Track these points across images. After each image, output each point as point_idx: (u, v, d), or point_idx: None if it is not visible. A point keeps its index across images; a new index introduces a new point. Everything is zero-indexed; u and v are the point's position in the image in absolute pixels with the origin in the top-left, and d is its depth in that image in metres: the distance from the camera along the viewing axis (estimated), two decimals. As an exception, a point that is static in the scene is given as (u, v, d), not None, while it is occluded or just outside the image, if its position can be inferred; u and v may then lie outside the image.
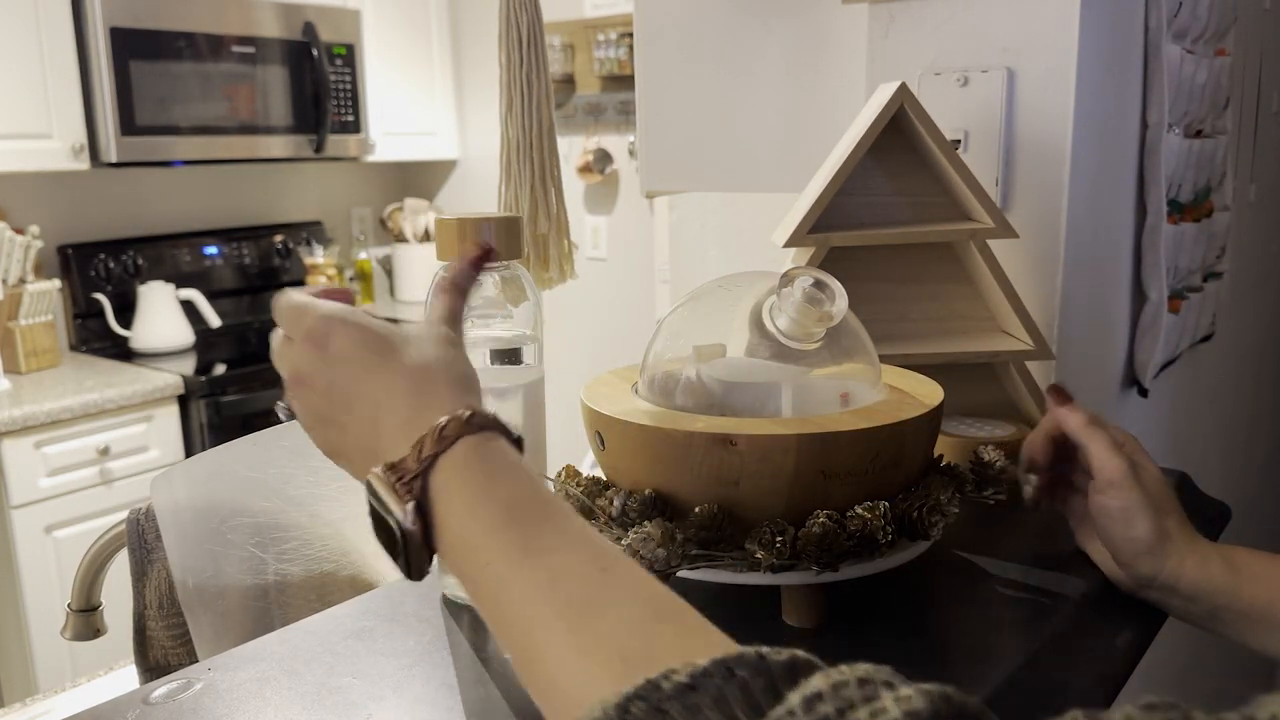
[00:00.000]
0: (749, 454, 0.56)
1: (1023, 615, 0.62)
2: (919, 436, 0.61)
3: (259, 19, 2.90)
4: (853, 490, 0.58)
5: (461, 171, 3.68)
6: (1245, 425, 1.76)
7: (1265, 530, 1.97)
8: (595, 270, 3.38)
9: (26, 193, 2.81)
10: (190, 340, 2.92)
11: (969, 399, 0.86)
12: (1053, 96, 0.89)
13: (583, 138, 3.30)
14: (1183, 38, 1.10)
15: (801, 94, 1.11)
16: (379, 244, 3.76)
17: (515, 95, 0.72)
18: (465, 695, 0.55)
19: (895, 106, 0.81)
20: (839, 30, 1.06)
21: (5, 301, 2.54)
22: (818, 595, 0.60)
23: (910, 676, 0.32)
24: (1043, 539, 0.74)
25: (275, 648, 0.61)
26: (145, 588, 0.86)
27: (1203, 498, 0.83)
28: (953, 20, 0.93)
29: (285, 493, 0.84)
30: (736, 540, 0.58)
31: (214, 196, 3.26)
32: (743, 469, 0.57)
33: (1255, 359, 1.75)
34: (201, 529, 0.81)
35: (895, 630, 0.60)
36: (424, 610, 0.65)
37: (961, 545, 0.71)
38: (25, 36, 2.48)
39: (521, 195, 0.72)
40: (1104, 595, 0.65)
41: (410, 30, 3.39)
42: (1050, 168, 0.90)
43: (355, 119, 3.16)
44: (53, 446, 2.34)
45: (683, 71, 1.19)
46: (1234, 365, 1.60)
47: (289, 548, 0.82)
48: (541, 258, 0.74)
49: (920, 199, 0.85)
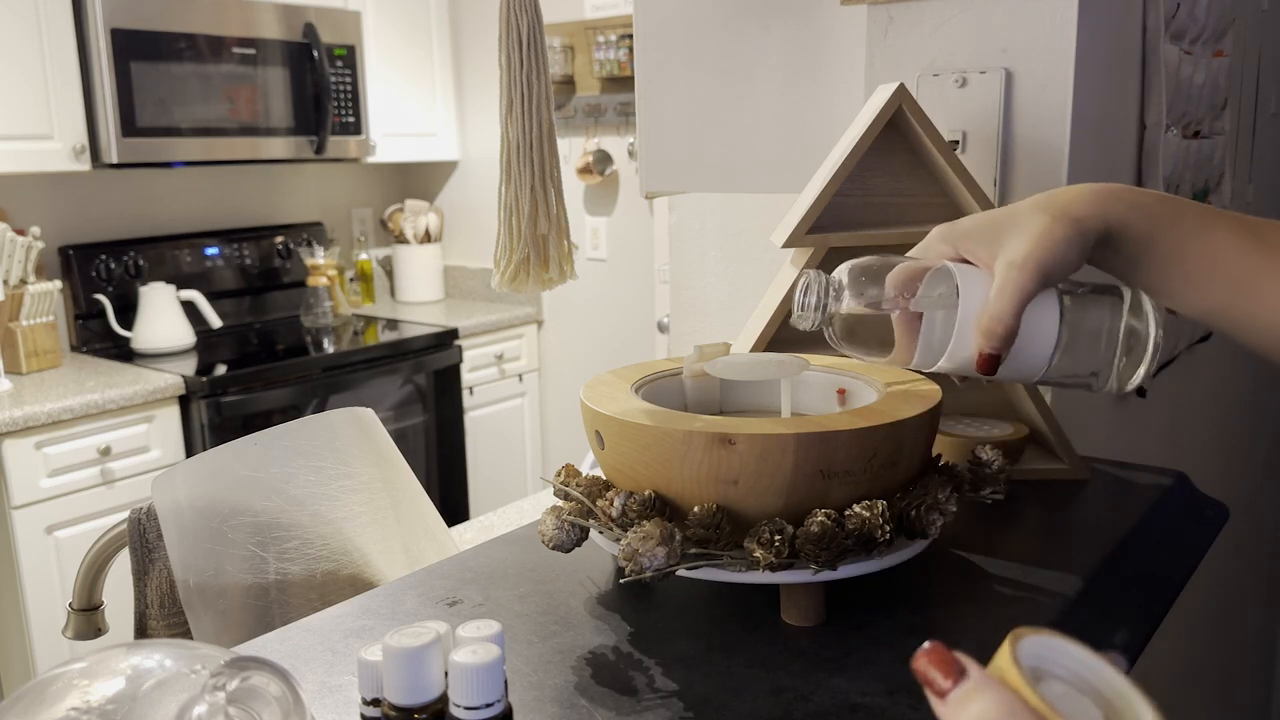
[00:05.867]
0: (748, 453, 0.57)
1: (1020, 614, 0.63)
2: (917, 436, 0.61)
3: (260, 20, 2.90)
4: (851, 489, 0.58)
5: (462, 172, 3.68)
6: (1243, 425, 1.76)
7: (1264, 530, 1.98)
8: (595, 271, 3.38)
9: (28, 194, 2.81)
10: (191, 341, 2.92)
11: (967, 398, 0.87)
12: (1051, 97, 0.90)
13: (583, 139, 3.30)
14: (1181, 38, 1.10)
15: (800, 95, 1.11)
16: (380, 245, 3.76)
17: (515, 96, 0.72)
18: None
19: (894, 107, 0.81)
20: (838, 32, 1.07)
21: (6, 302, 2.54)
22: (816, 594, 0.61)
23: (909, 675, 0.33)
24: (1041, 538, 0.74)
25: (276, 646, 0.61)
26: (146, 587, 0.86)
27: (1201, 498, 0.83)
28: (951, 22, 0.94)
29: (286, 492, 0.84)
30: (735, 539, 0.58)
31: (215, 197, 3.26)
32: (741, 468, 0.57)
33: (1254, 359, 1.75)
34: (202, 528, 0.82)
35: (893, 629, 0.60)
36: (424, 610, 0.65)
37: (960, 544, 0.71)
38: (26, 38, 2.49)
39: (521, 196, 0.73)
40: (1102, 594, 0.66)
41: (411, 31, 3.39)
42: (1048, 168, 0.90)
43: (356, 120, 3.17)
44: (54, 447, 2.34)
45: (682, 73, 1.19)
46: (1232, 365, 1.61)
47: (290, 547, 0.82)
48: (541, 258, 0.74)
49: (919, 199, 0.86)
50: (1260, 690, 2.16)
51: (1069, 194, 0.61)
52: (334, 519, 0.85)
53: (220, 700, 0.39)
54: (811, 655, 0.57)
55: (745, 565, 0.58)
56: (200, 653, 0.42)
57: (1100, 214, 0.60)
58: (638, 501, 0.60)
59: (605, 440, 0.63)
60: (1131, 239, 0.60)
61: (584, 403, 0.65)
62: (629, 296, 3.33)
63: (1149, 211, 0.60)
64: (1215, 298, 0.60)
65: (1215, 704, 1.82)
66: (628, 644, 0.59)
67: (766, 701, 0.53)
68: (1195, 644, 1.59)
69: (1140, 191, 0.62)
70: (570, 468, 0.67)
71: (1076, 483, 0.83)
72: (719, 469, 0.58)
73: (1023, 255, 0.58)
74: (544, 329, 3.57)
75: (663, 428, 0.59)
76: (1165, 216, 0.60)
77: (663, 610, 0.64)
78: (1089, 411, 1.05)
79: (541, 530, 0.64)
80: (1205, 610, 1.60)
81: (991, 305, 0.59)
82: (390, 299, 3.76)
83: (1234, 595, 1.82)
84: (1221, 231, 0.60)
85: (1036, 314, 0.60)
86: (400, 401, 3.11)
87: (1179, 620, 1.36)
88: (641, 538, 0.57)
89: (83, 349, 2.90)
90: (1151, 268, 0.61)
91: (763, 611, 0.62)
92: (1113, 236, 0.60)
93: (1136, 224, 0.60)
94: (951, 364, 0.62)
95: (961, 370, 0.62)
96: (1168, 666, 1.43)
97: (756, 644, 0.59)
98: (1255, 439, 1.85)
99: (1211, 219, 0.60)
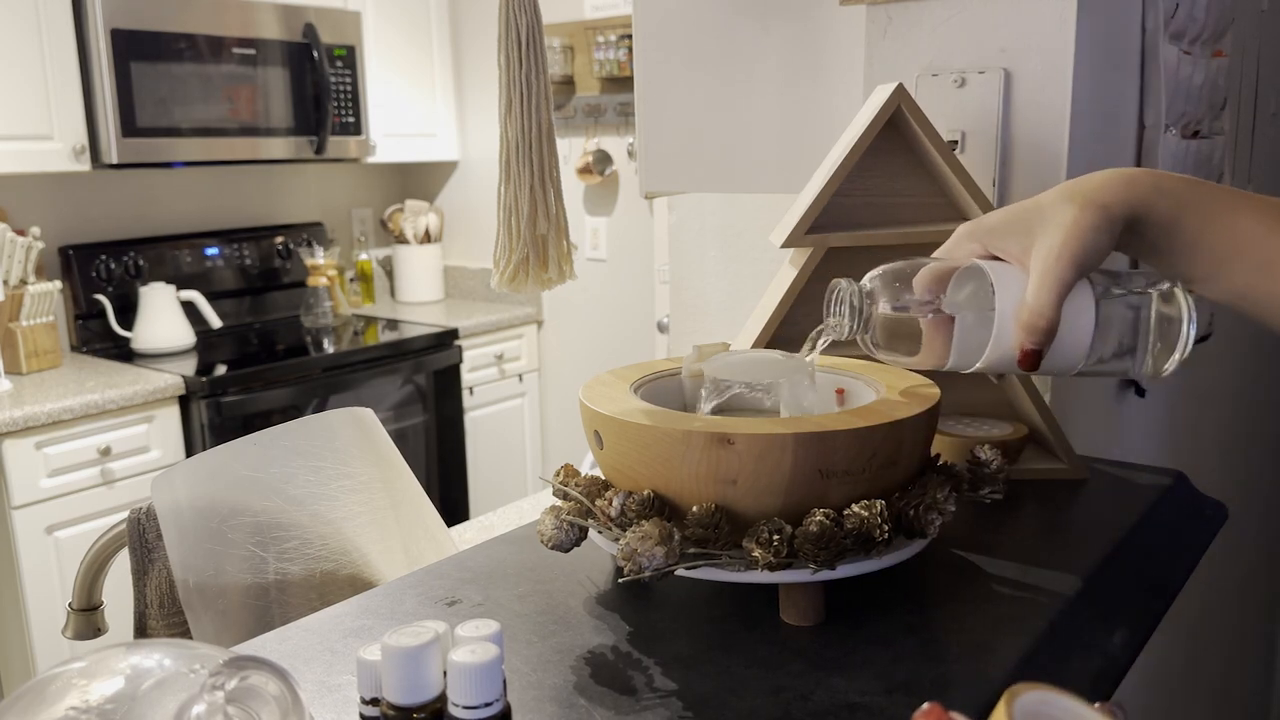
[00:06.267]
0: (746, 453, 0.57)
1: (1019, 613, 0.63)
2: (916, 435, 0.61)
3: (259, 20, 2.90)
4: (850, 489, 0.59)
5: (461, 172, 3.68)
6: (1243, 425, 1.76)
7: (1264, 530, 1.98)
8: (595, 271, 3.38)
9: (28, 194, 2.81)
10: (191, 341, 2.92)
11: (966, 398, 0.87)
12: (1049, 97, 0.90)
13: (582, 139, 3.30)
14: (1180, 39, 1.10)
15: (800, 95, 1.11)
16: (380, 245, 3.76)
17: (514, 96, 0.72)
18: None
19: (893, 107, 0.81)
20: (837, 32, 1.07)
21: (7, 302, 2.54)
22: (815, 593, 0.61)
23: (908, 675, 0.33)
24: (1040, 538, 0.74)
25: (275, 646, 0.61)
26: (146, 587, 0.86)
27: (1201, 498, 0.83)
28: (950, 22, 0.94)
29: (286, 492, 0.84)
30: (734, 539, 0.58)
31: (215, 198, 3.26)
32: (740, 468, 0.57)
33: (1253, 359, 1.75)
34: (202, 528, 0.82)
35: (892, 628, 0.60)
36: (423, 609, 0.65)
37: (958, 544, 0.72)
38: (26, 38, 2.49)
39: (521, 196, 0.73)
40: (1100, 594, 0.66)
41: (410, 32, 3.39)
42: (1047, 168, 0.90)
43: (356, 120, 3.17)
44: (54, 447, 2.34)
45: (682, 73, 1.19)
46: (1232, 365, 1.61)
47: (289, 547, 0.82)
48: (541, 258, 0.74)
49: (917, 199, 0.86)
50: (1260, 690, 2.15)
51: (1093, 181, 0.61)
52: (333, 519, 0.85)
53: (219, 700, 0.39)
54: (810, 655, 0.57)
55: (744, 565, 0.58)
56: (199, 652, 0.42)
57: (1125, 199, 0.60)
58: (636, 501, 0.60)
59: (604, 440, 0.63)
60: (1156, 223, 0.60)
61: (583, 403, 0.65)
62: (629, 296, 3.33)
63: (1174, 194, 0.60)
64: (1242, 280, 0.60)
65: (1215, 704, 1.82)
66: (627, 643, 0.60)
67: (765, 701, 0.53)
68: (1195, 644, 1.59)
69: (1164, 175, 0.61)
70: (569, 468, 0.68)
71: (1076, 482, 0.83)
72: (718, 469, 0.58)
73: (1057, 247, 0.58)
74: (544, 329, 3.57)
75: (662, 427, 0.59)
76: (1190, 199, 0.60)
77: (662, 610, 0.64)
78: (1089, 411, 1.05)
79: (540, 530, 0.64)
80: (1205, 610, 1.60)
81: (1031, 299, 0.59)
82: (390, 299, 3.76)
83: (1234, 595, 1.82)
84: (1247, 213, 0.60)
85: (1073, 305, 0.60)
86: (400, 401, 3.11)
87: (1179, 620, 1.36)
88: (640, 537, 0.57)
89: (83, 349, 2.90)
90: (1177, 251, 0.61)
91: (762, 611, 0.62)
92: (1138, 221, 0.60)
93: (1161, 208, 0.60)
94: (990, 362, 0.62)
95: (1001, 368, 0.62)
96: (1168, 666, 1.43)
97: (755, 644, 0.59)
98: (1255, 439, 1.85)
99: (1237, 201, 0.60)
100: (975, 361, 0.62)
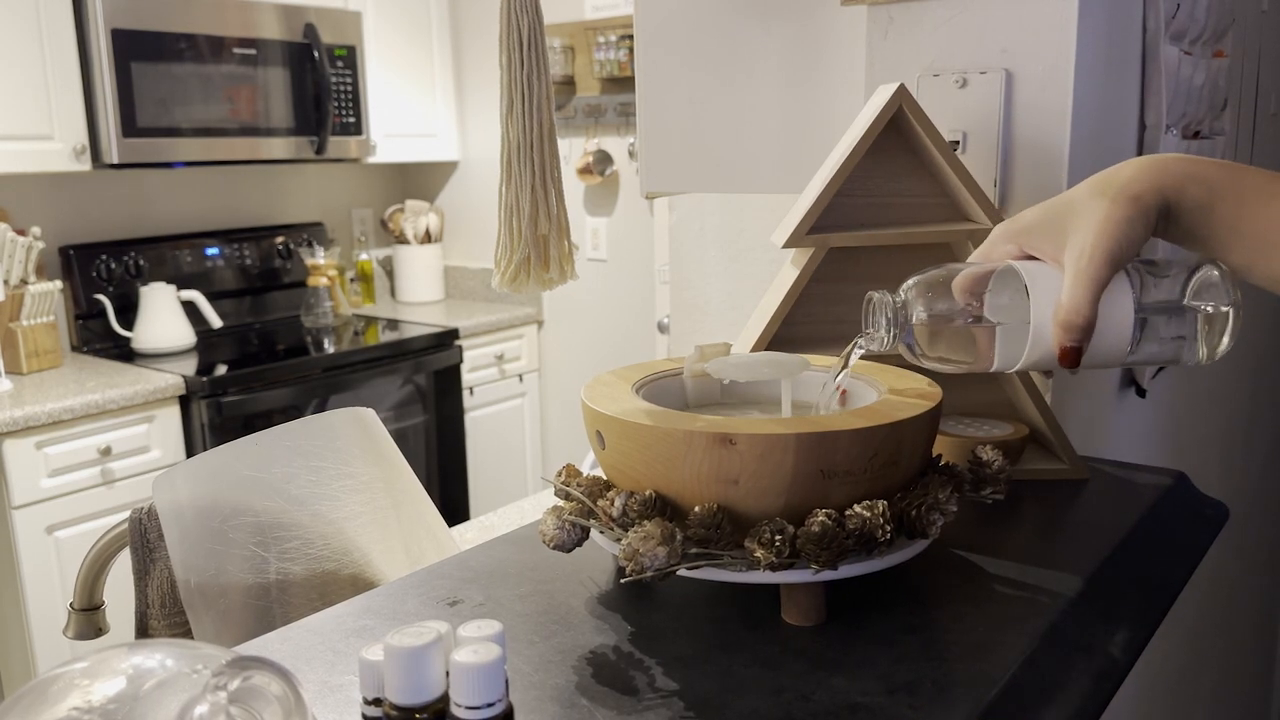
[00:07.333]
0: (748, 453, 0.57)
1: (1020, 614, 0.63)
2: (918, 436, 0.61)
3: (260, 20, 2.90)
4: (852, 489, 0.59)
5: (462, 173, 3.68)
6: (1244, 425, 1.76)
7: (1264, 530, 1.98)
8: (595, 271, 3.38)
9: (28, 194, 2.81)
10: (191, 341, 2.93)
11: (967, 399, 0.87)
12: (1051, 98, 0.90)
13: (583, 139, 3.30)
14: (1181, 39, 1.10)
15: (801, 95, 1.11)
16: (380, 245, 3.76)
17: (515, 97, 0.72)
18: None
19: (894, 108, 0.81)
20: (838, 32, 1.07)
21: (7, 302, 2.54)
22: (817, 594, 0.61)
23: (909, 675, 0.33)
24: (1041, 538, 0.74)
25: (277, 646, 0.61)
26: (147, 587, 0.86)
27: (1201, 498, 0.83)
28: (951, 22, 0.94)
29: (287, 492, 0.84)
30: (736, 539, 0.58)
31: (215, 198, 3.26)
32: (742, 468, 0.57)
33: (1254, 359, 1.75)
34: (203, 528, 0.82)
35: (894, 628, 0.60)
36: (425, 609, 0.65)
37: (960, 544, 0.72)
38: (27, 38, 2.49)
39: (522, 196, 0.73)
40: (1102, 594, 0.66)
41: (411, 32, 3.39)
42: (1048, 169, 0.91)
43: (356, 120, 3.17)
44: (54, 447, 2.34)
45: (683, 73, 1.19)
46: (1232, 365, 1.61)
47: (290, 547, 0.82)
48: (542, 258, 0.74)
49: (919, 200, 0.86)
50: (1260, 690, 2.15)
51: (1124, 172, 0.61)
52: (335, 519, 0.85)
53: (222, 700, 0.39)
54: (812, 655, 0.57)
55: (746, 565, 0.58)
56: (201, 652, 0.42)
57: (1157, 187, 0.59)
58: (638, 501, 0.60)
59: (606, 440, 0.63)
60: (1190, 209, 0.60)
61: (584, 403, 0.65)
62: (629, 296, 3.33)
63: (1207, 181, 0.60)
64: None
65: (1215, 704, 1.82)
66: (628, 644, 0.60)
67: (767, 701, 0.53)
68: (1195, 644, 1.59)
69: (1196, 160, 0.61)
70: (571, 468, 0.68)
71: (1076, 483, 0.83)
72: (720, 469, 0.58)
73: (1090, 244, 0.58)
74: (544, 329, 3.57)
75: (663, 427, 0.59)
76: (1224, 184, 0.60)
77: (663, 610, 0.64)
78: (1089, 411, 1.05)
79: (542, 530, 0.64)
80: (1205, 610, 1.60)
81: (1066, 298, 0.59)
82: (390, 299, 3.76)
83: (1234, 595, 1.82)
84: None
85: (1111, 299, 0.60)
86: (400, 401, 3.11)
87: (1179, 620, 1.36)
88: (642, 537, 0.57)
89: (83, 349, 2.90)
90: (1214, 237, 0.60)
91: (763, 611, 0.62)
92: (1172, 208, 0.60)
93: (1194, 194, 0.59)
94: (1031, 362, 0.62)
95: (1044, 366, 0.63)
96: (1168, 666, 1.43)
97: (757, 644, 0.59)
98: (1255, 439, 1.85)
99: (1273, 185, 0.59)
100: (1017, 362, 0.63)
